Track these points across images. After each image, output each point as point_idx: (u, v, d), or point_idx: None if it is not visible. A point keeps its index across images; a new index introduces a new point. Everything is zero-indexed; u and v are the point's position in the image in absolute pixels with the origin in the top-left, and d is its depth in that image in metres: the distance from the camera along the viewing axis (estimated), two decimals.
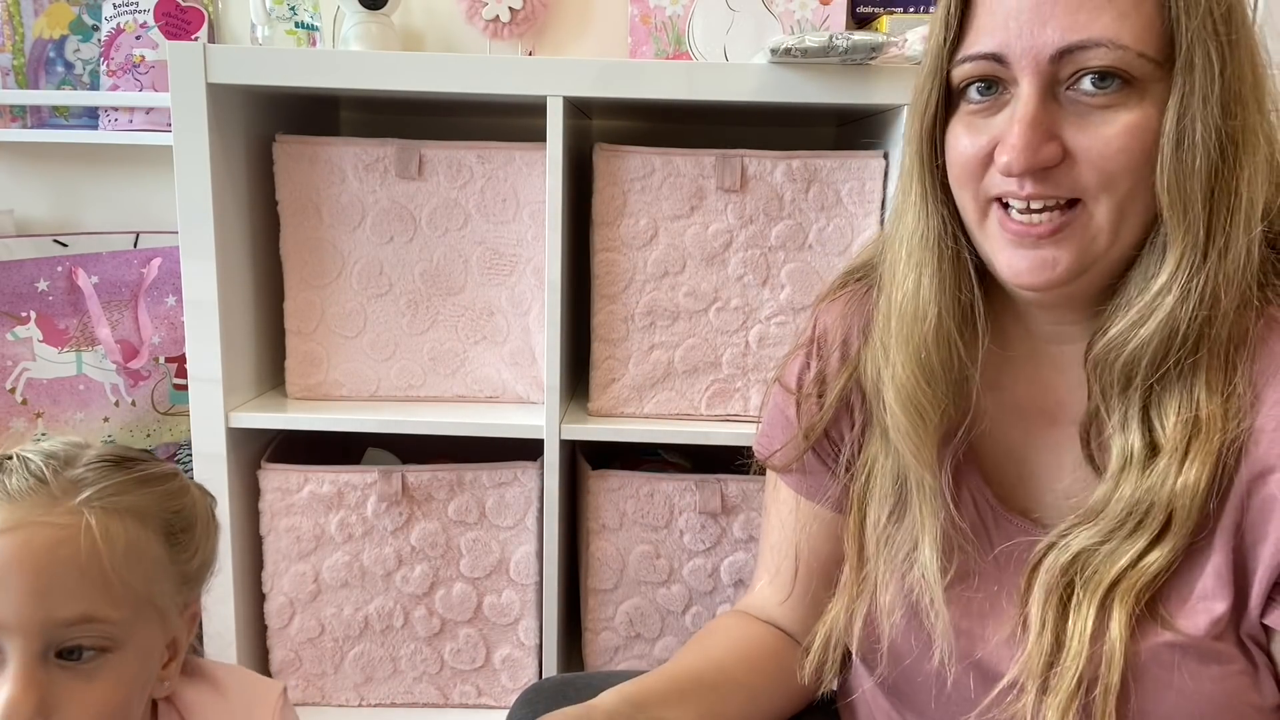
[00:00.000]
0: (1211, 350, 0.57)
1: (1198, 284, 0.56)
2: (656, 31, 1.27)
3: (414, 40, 1.41)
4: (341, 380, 1.17)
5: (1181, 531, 0.57)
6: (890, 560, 0.67)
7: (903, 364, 0.64)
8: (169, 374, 1.36)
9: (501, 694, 1.20)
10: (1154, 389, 0.59)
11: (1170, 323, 0.56)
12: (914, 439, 0.64)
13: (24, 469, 0.61)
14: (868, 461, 0.70)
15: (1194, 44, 0.54)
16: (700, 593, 1.17)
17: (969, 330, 0.64)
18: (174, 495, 0.66)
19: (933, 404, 0.64)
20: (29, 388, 1.28)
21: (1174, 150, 0.55)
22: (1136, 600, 0.58)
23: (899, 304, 0.65)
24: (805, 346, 0.76)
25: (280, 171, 1.13)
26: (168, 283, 1.34)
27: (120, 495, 0.62)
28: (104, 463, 0.64)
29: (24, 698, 0.56)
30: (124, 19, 1.36)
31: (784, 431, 0.76)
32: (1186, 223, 0.55)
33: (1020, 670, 0.61)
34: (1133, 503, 0.58)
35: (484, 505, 1.15)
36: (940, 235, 0.63)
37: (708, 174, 1.09)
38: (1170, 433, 0.57)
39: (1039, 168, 0.57)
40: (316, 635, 1.18)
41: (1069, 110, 0.57)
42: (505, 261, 1.15)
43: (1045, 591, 0.60)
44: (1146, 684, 0.58)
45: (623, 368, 1.13)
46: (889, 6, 1.29)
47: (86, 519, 0.60)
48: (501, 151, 1.12)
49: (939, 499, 0.65)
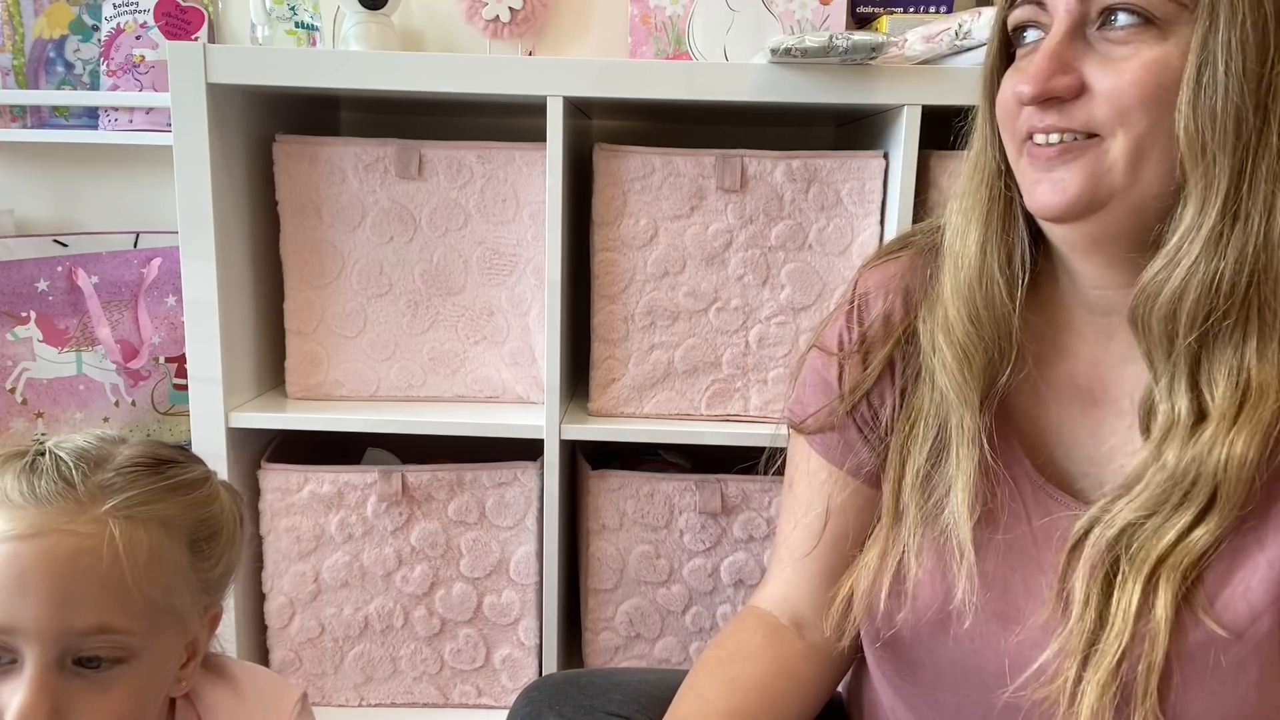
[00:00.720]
0: (1261, 313, 0.56)
1: (1231, 236, 0.55)
2: (656, 31, 1.27)
3: (414, 40, 1.41)
4: (341, 380, 1.17)
5: (1228, 507, 0.56)
6: (923, 504, 0.68)
7: (952, 303, 0.66)
8: (169, 374, 1.36)
9: (501, 694, 1.20)
10: (1201, 352, 0.58)
11: (1206, 274, 0.56)
12: (959, 378, 0.65)
13: (54, 470, 0.61)
14: (912, 413, 0.70)
15: None
16: (700, 593, 1.17)
17: (1012, 272, 0.66)
18: (203, 503, 0.66)
19: (977, 345, 0.65)
20: (29, 388, 1.28)
21: (1193, 90, 0.55)
22: (1183, 578, 0.57)
23: (952, 247, 0.67)
24: (845, 309, 0.76)
25: (280, 171, 1.13)
26: (168, 283, 1.34)
27: (147, 504, 0.62)
28: (136, 468, 0.63)
29: (38, 704, 0.56)
30: (124, 19, 1.36)
31: (822, 395, 0.75)
32: (1204, 166, 0.55)
33: (1059, 649, 0.60)
34: (1179, 473, 0.57)
35: (484, 505, 1.15)
36: (993, 178, 0.66)
37: (708, 174, 1.09)
38: (1219, 398, 0.56)
39: (1049, 95, 0.58)
40: (316, 635, 1.18)
41: (1097, 48, 0.58)
42: (505, 261, 1.15)
43: (1090, 566, 0.60)
44: (1190, 668, 0.57)
45: (623, 368, 1.13)
46: (889, 6, 1.29)
47: (110, 529, 0.59)
48: (501, 151, 1.12)
49: (976, 442, 0.65)
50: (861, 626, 0.71)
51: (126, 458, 0.64)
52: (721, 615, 1.18)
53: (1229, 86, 0.54)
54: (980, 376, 0.65)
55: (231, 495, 0.70)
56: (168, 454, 0.67)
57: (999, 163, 0.65)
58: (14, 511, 0.59)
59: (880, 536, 0.70)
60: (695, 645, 1.19)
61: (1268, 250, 0.55)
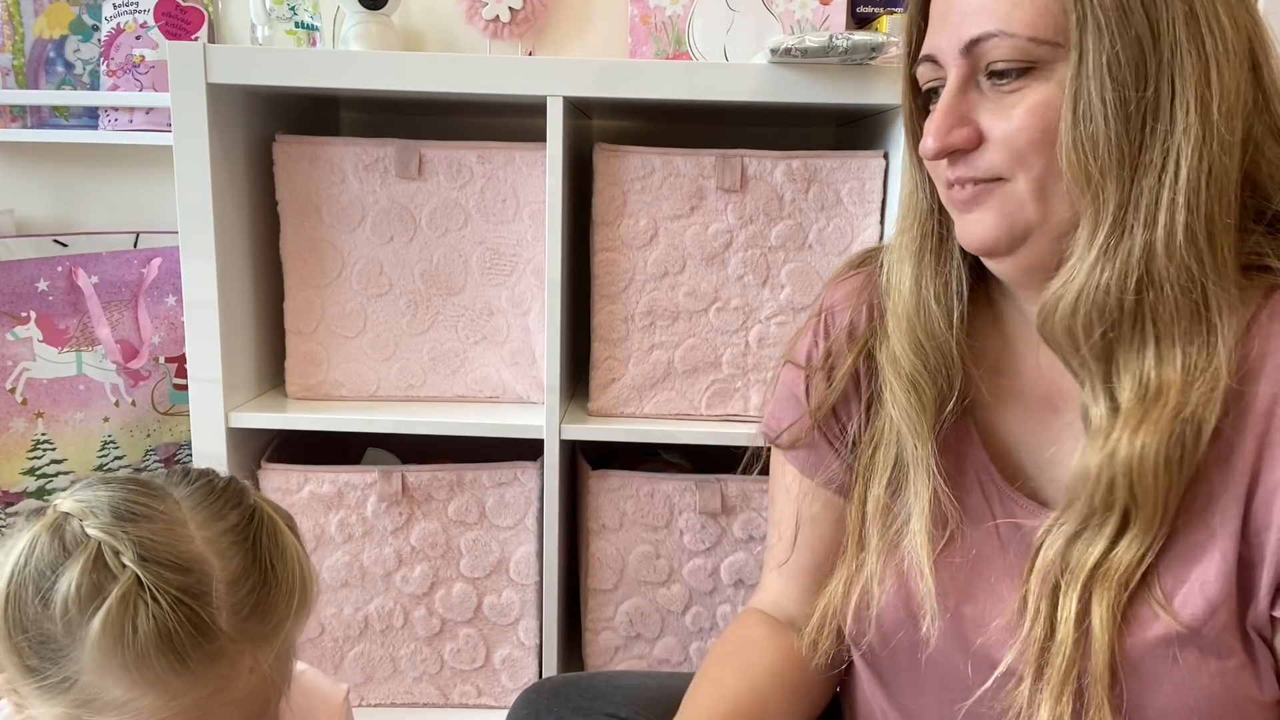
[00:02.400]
0: (1158, 318, 0.58)
1: (1117, 249, 0.57)
2: (656, 31, 1.27)
3: (414, 40, 1.41)
4: (341, 380, 1.17)
5: (1150, 511, 0.58)
6: (884, 531, 0.70)
7: (897, 338, 0.69)
8: (169, 374, 1.36)
9: (501, 694, 1.20)
10: (1109, 358, 0.60)
11: (1096, 285, 0.58)
12: (910, 411, 0.68)
13: (171, 615, 0.54)
14: (874, 435, 0.72)
15: (1085, 19, 0.56)
16: (700, 593, 1.17)
17: (949, 303, 0.68)
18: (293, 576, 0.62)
19: (924, 377, 0.67)
20: (29, 388, 1.28)
21: (1071, 120, 0.57)
22: (1119, 589, 0.58)
23: (894, 282, 0.70)
24: (813, 325, 0.78)
25: (280, 171, 1.13)
26: (168, 283, 1.34)
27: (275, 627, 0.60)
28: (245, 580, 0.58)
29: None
30: (124, 19, 1.36)
31: (793, 410, 0.77)
32: (1092, 191, 0.57)
33: (1017, 656, 0.62)
34: (1095, 477, 0.59)
35: (484, 505, 1.15)
36: (925, 216, 0.69)
37: (708, 174, 1.09)
38: (1125, 401, 0.59)
39: (950, 150, 0.61)
40: (316, 635, 1.18)
41: (988, 97, 0.61)
42: (505, 261, 1.15)
43: (1040, 578, 0.62)
44: (1141, 675, 0.58)
45: (623, 368, 1.13)
46: (889, 6, 1.29)
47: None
48: (501, 151, 1.12)
49: (932, 473, 0.67)
50: (833, 647, 0.73)
51: (228, 569, 0.57)
52: (721, 615, 1.18)
53: (1105, 113, 0.56)
54: (931, 406, 0.68)
55: (286, 519, 0.65)
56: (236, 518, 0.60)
57: (930, 201, 0.68)
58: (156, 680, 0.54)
59: (846, 561, 0.73)
60: (695, 645, 1.19)
61: (1152, 259, 0.57)
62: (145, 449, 1.37)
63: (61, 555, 0.54)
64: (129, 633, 0.52)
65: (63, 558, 0.54)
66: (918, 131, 0.67)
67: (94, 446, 1.32)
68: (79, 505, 0.56)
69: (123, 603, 0.52)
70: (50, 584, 0.53)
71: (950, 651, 0.66)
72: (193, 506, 0.59)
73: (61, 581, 0.53)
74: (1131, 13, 0.56)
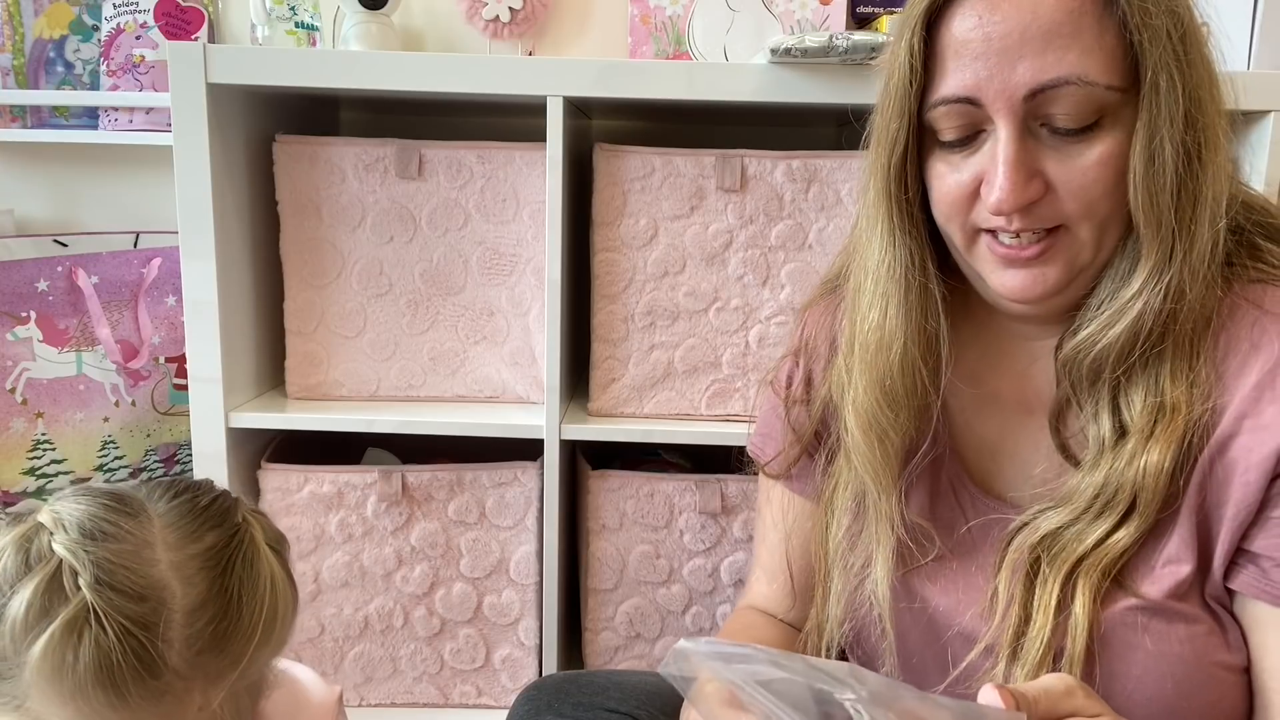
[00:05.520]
0: (1177, 340, 0.59)
1: (1167, 283, 0.58)
2: (656, 31, 1.27)
3: (414, 40, 1.41)
4: (341, 380, 1.17)
5: (1147, 511, 0.59)
6: (844, 575, 0.70)
7: (865, 390, 0.66)
8: (169, 374, 1.36)
9: (501, 694, 1.20)
10: (1121, 380, 0.61)
11: (1138, 321, 0.59)
12: (874, 463, 0.66)
13: (116, 646, 0.51)
14: (835, 473, 0.72)
15: (1158, 70, 0.56)
16: (700, 593, 1.17)
17: (933, 359, 0.66)
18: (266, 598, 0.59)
19: (895, 428, 0.66)
20: (29, 388, 1.28)
21: (1145, 171, 0.57)
22: (1102, 576, 0.60)
23: (864, 333, 0.66)
24: (793, 352, 0.79)
25: (280, 171, 1.13)
26: (168, 283, 1.34)
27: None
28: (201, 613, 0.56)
29: None
30: (124, 19, 1.36)
31: (776, 431, 0.78)
32: (1160, 234, 0.58)
33: (991, 641, 0.63)
34: (1100, 486, 0.60)
35: (484, 505, 1.15)
36: (908, 268, 0.65)
37: (708, 174, 1.09)
38: (1137, 419, 0.60)
39: (1026, 204, 0.59)
40: (316, 635, 1.18)
41: (1047, 145, 0.59)
42: (505, 261, 1.15)
43: (1012, 569, 0.63)
44: (1114, 648, 0.60)
45: (623, 368, 1.13)
46: (889, 6, 1.29)
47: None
48: (501, 151, 1.12)
49: (894, 523, 0.67)
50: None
51: (186, 598, 0.54)
52: (721, 615, 1.18)
53: (1175, 157, 0.56)
54: (896, 457, 0.67)
55: (275, 537, 0.63)
56: (211, 537, 0.58)
57: (912, 252, 0.64)
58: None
59: (815, 600, 0.74)
60: None
61: (1191, 284, 0.58)
62: (145, 449, 1.37)
63: (23, 570, 0.52)
64: (70, 661, 0.50)
65: (23, 573, 0.52)
66: (906, 180, 0.63)
67: (94, 447, 1.32)
68: (53, 518, 0.55)
69: (67, 629, 0.50)
70: (5, 600, 0.52)
71: (926, 644, 0.68)
72: (166, 525, 0.57)
73: (15, 599, 0.51)
74: (1193, 59, 0.56)
